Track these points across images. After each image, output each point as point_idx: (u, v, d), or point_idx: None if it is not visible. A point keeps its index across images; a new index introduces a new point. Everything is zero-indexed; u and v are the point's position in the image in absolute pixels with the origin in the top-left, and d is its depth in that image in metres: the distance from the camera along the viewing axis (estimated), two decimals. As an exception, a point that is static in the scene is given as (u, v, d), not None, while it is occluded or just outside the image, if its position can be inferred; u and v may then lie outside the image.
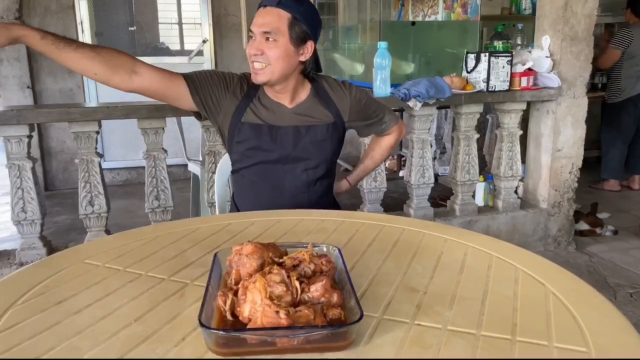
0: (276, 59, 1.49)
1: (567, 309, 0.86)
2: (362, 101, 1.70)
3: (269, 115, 1.59)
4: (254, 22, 1.50)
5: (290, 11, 1.48)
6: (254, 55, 1.49)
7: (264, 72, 1.50)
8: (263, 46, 1.48)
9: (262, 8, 1.50)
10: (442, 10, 3.99)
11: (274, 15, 1.47)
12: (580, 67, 2.96)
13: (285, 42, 1.48)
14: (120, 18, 4.94)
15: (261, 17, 1.48)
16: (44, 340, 0.77)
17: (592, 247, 3.25)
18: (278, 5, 1.47)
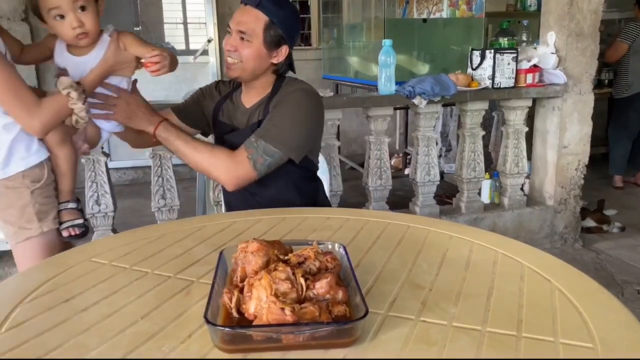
0: (247, 59, 1.49)
1: (573, 305, 0.86)
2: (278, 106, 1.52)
3: (233, 114, 1.63)
4: (232, 18, 1.51)
5: (269, 14, 1.47)
6: (227, 50, 1.51)
7: (236, 67, 1.51)
8: (237, 44, 1.48)
9: (242, 5, 1.51)
10: (447, 8, 3.98)
11: (251, 16, 1.47)
12: (586, 63, 2.95)
13: (259, 44, 1.49)
14: (125, 18, 4.95)
15: (239, 15, 1.49)
16: (51, 337, 0.78)
17: (599, 244, 3.24)
18: (258, 6, 1.47)
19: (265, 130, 1.47)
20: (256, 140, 1.45)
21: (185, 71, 4.90)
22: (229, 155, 1.46)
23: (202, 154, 1.47)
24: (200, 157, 1.47)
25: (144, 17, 5.04)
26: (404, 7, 4.56)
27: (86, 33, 1.34)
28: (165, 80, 4.83)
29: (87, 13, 1.33)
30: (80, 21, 1.32)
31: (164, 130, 1.48)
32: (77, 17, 1.31)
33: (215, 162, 1.46)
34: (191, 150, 1.47)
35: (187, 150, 1.47)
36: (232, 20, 1.50)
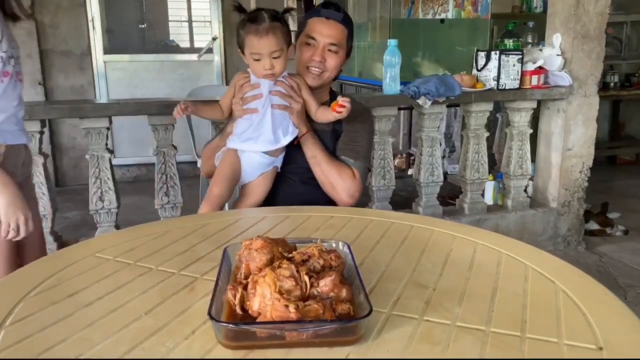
0: (332, 68, 1.65)
1: (577, 306, 0.86)
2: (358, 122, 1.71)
3: None
4: (315, 30, 1.62)
5: (349, 28, 1.67)
6: (313, 61, 1.62)
7: (321, 77, 1.65)
8: (326, 54, 1.62)
9: (324, 19, 1.63)
10: (453, 8, 3.98)
11: (338, 30, 1.63)
12: (592, 65, 2.94)
13: (343, 55, 1.66)
14: (130, 15, 4.96)
15: (327, 29, 1.62)
16: (55, 331, 0.78)
17: (602, 247, 3.23)
18: (342, 21, 1.64)
19: (358, 152, 1.69)
20: (355, 161, 1.67)
21: (190, 69, 4.91)
22: (351, 176, 1.64)
23: (333, 168, 1.63)
24: (330, 170, 1.63)
25: (149, 15, 5.05)
26: (409, 7, 4.55)
27: (273, 74, 1.55)
28: (170, 78, 4.85)
29: (279, 60, 1.53)
30: (272, 65, 1.53)
31: (312, 135, 1.64)
32: (271, 62, 1.52)
33: (340, 180, 1.63)
34: (326, 161, 1.63)
35: (324, 160, 1.63)
36: (318, 33, 1.62)
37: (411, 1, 4.50)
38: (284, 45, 1.52)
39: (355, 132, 1.70)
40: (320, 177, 1.64)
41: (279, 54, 1.52)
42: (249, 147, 1.58)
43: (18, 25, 4.57)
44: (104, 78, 4.67)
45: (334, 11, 1.64)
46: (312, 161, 1.63)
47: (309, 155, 1.63)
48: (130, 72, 4.75)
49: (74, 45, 4.53)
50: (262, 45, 1.50)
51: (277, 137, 1.57)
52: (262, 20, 1.49)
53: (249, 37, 1.51)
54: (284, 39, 1.52)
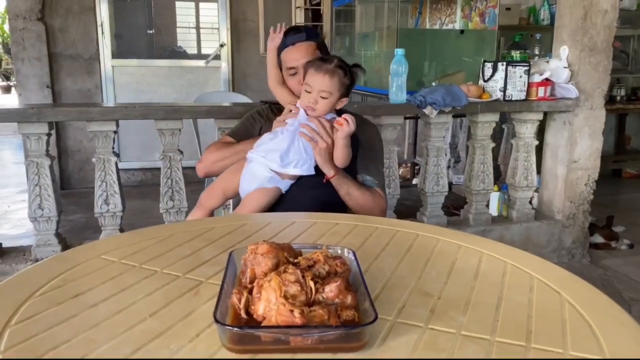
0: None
1: (582, 317, 0.85)
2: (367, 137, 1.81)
3: None
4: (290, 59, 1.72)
5: (316, 40, 1.75)
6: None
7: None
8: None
9: (290, 47, 1.73)
10: (460, 19, 3.99)
11: (307, 48, 1.72)
12: (599, 78, 2.94)
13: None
14: (139, 21, 5.00)
15: (297, 52, 1.72)
16: (60, 332, 0.78)
17: (607, 260, 3.21)
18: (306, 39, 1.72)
19: (378, 171, 1.81)
20: (377, 180, 1.77)
21: (197, 75, 4.94)
22: (380, 197, 1.75)
23: (367, 196, 1.69)
24: (365, 198, 1.69)
25: (158, 21, 5.09)
26: (417, 17, 4.57)
27: (314, 109, 1.60)
28: (177, 84, 4.87)
29: (324, 100, 1.59)
30: (316, 101, 1.59)
31: (342, 175, 1.66)
32: (316, 98, 1.59)
33: (374, 205, 1.71)
34: (360, 193, 1.68)
35: (358, 193, 1.67)
36: (291, 61, 1.72)
37: (419, 11, 4.52)
38: (335, 91, 1.58)
39: (372, 151, 1.80)
40: (356, 209, 1.69)
41: (327, 95, 1.57)
42: (257, 156, 1.59)
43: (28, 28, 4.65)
44: (111, 82, 4.71)
45: (296, 34, 1.74)
46: (347, 198, 1.67)
47: (343, 194, 1.67)
48: (137, 77, 4.79)
49: (82, 49, 4.57)
50: (315, 81, 1.57)
51: (286, 162, 1.58)
52: (329, 61, 1.59)
53: (310, 70, 1.59)
54: (337, 86, 1.58)
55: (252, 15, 4.95)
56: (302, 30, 1.77)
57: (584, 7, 2.83)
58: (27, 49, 4.35)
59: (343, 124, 1.55)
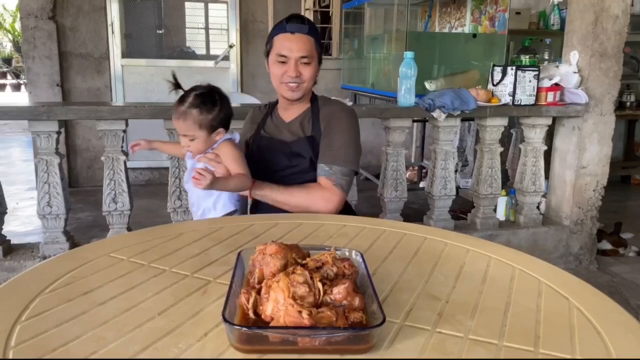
0: (309, 79, 1.68)
1: (591, 324, 0.85)
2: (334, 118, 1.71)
3: (274, 129, 1.78)
4: (284, 47, 1.64)
5: (315, 37, 1.68)
6: (290, 77, 1.65)
7: (299, 89, 1.68)
8: (299, 68, 1.65)
9: (289, 34, 1.64)
10: (470, 23, 3.98)
11: (305, 42, 1.65)
12: (609, 84, 2.93)
13: (315, 63, 1.69)
14: (149, 21, 5.02)
15: (295, 43, 1.63)
16: (69, 329, 0.79)
17: (615, 267, 3.19)
18: (308, 32, 1.65)
19: (333, 156, 1.66)
20: (330, 167, 1.65)
21: (206, 75, 4.94)
22: (321, 189, 1.63)
23: (299, 197, 1.61)
24: (298, 200, 1.61)
25: (167, 21, 5.11)
26: (426, 20, 4.57)
27: (190, 151, 1.62)
28: (186, 84, 4.87)
29: (193, 141, 1.59)
30: (188, 144, 1.59)
31: (258, 189, 1.63)
32: (186, 141, 1.59)
33: (312, 200, 1.61)
34: (288, 197, 1.61)
35: (284, 198, 1.61)
36: (287, 49, 1.64)
37: (428, 14, 4.52)
38: (196, 130, 1.56)
39: (330, 136, 1.68)
40: (295, 210, 1.61)
41: (191, 136, 1.57)
42: None
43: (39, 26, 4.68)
44: (120, 81, 4.73)
45: (299, 24, 1.64)
46: (278, 205, 1.62)
47: (271, 203, 1.62)
48: (146, 77, 4.81)
49: (92, 48, 4.60)
50: (177, 126, 1.59)
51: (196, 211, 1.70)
52: (182, 102, 1.57)
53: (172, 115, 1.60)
54: (198, 124, 1.55)
55: (262, 17, 4.97)
56: (305, 22, 1.67)
57: (594, 13, 2.82)
58: (38, 48, 4.38)
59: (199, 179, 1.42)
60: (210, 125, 1.57)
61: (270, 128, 1.80)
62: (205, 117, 1.56)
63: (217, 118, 1.58)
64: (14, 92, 12.75)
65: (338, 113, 1.73)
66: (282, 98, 1.75)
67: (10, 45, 13.76)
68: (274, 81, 1.71)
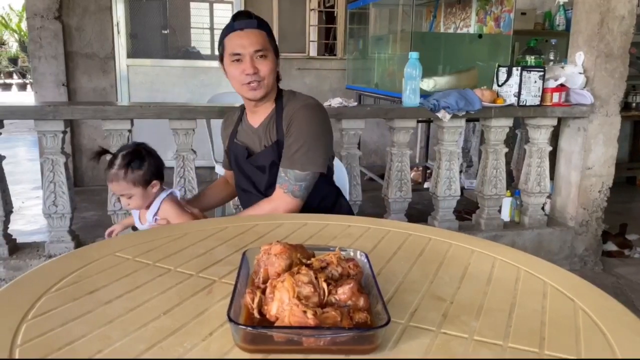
0: (268, 74, 1.62)
1: (597, 325, 0.85)
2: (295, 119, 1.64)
3: (245, 136, 1.76)
4: (236, 45, 1.59)
5: (266, 30, 1.64)
6: (247, 75, 1.59)
7: (260, 86, 1.63)
8: (256, 63, 1.60)
9: (239, 31, 1.60)
10: (475, 23, 3.98)
11: (257, 36, 1.60)
12: (615, 84, 2.92)
13: (272, 56, 1.64)
14: (154, 21, 5.04)
15: (246, 39, 1.59)
16: (75, 327, 0.79)
17: (620, 268, 3.18)
18: (258, 27, 1.61)
19: (290, 160, 1.61)
20: (285, 173, 1.61)
21: (211, 75, 4.96)
22: (270, 201, 1.64)
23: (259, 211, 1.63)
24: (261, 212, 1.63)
25: (172, 21, 5.13)
26: (431, 21, 4.56)
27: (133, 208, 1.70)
28: (191, 84, 4.90)
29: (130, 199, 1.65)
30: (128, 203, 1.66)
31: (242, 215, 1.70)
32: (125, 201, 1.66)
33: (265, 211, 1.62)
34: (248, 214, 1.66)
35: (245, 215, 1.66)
36: (239, 47, 1.59)
37: (433, 15, 4.51)
38: (130, 188, 1.61)
39: (289, 138, 1.63)
40: None
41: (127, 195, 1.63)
42: None
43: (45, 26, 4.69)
44: (126, 81, 4.75)
45: (247, 19, 1.61)
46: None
47: None
48: (152, 77, 4.82)
49: (98, 48, 4.61)
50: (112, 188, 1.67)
51: None
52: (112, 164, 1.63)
53: None
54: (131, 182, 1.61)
55: (267, 17, 4.92)
56: (253, 17, 1.63)
57: (600, 13, 2.81)
58: (44, 47, 4.40)
59: None
60: (144, 180, 1.63)
61: (242, 135, 1.77)
62: (136, 174, 1.61)
63: (149, 172, 1.63)
64: (20, 92, 12.81)
65: (298, 112, 1.64)
66: (247, 100, 1.71)
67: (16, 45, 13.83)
68: (234, 84, 1.66)
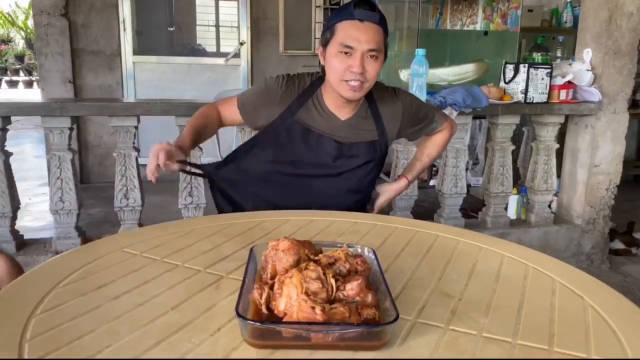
0: (373, 77, 1.46)
1: (606, 322, 0.84)
2: (414, 105, 1.65)
3: (321, 122, 1.56)
4: (351, 37, 1.40)
5: (385, 29, 1.45)
6: (352, 72, 1.42)
7: (362, 88, 1.45)
8: (365, 63, 1.42)
9: (358, 22, 1.40)
10: (482, 20, 3.96)
11: (376, 33, 1.42)
12: (623, 82, 2.90)
13: (382, 58, 1.46)
14: (160, 18, 5.04)
15: (364, 34, 1.40)
16: (84, 322, 0.79)
17: (627, 266, 3.16)
18: (379, 22, 1.43)
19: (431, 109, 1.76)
20: (433, 117, 1.73)
21: (216, 73, 4.97)
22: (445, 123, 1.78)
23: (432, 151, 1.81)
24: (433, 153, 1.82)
25: (178, 18, 5.12)
26: (437, 18, 4.54)
27: None
28: (196, 81, 4.90)
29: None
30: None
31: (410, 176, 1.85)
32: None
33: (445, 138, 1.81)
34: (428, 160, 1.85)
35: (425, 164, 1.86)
36: (352, 40, 1.40)
37: (439, 12, 4.49)
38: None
39: (412, 111, 1.65)
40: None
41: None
42: None
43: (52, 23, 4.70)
44: (132, 78, 4.75)
45: (369, 11, 1.40)
46: None
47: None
48: (158, 74, 4.83)
49: (104, 45, 4.62)
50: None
51: None
52: None
53: None
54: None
55: (272, 14, 4.97)
56: (377, 9, 1.43)
57: (608, 10, 2.79)
58: (50, 44, 4.41)
59: None
60: None
61: (314, 119, 1.55)
62: None
63: None
64: (26, 89, 12.85)
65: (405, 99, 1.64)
66: (337, 96, 1.51)
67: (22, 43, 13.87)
68: (333, 77, 1.46)
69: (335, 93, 1.50)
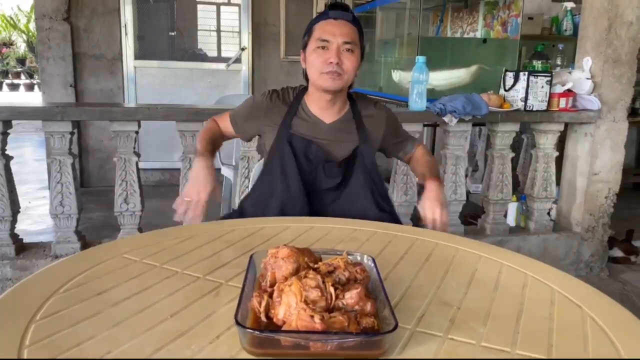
0: (350, 70, 1.56)
1: (605, 333, 0.84)
2: (394, 118, 1.78)
3: (307, 128, 1.63)
4: (326, 32, 1.53)
5: (359, 28, 1.58)
6: (330, 64, 1.52)
7: (341, 79, 1.55)
8: (342, 55, 1.53)
9: (332, 20, 1.55)
10: (482, 28, 3.97)
11: (349, 28, 1.55)
12: (622, 90, 2.91)
13: (358, 55, 1.57)
14: (161, 23, 5.06)
15: (338, 28, 1.53)
16: (84, 328, 0.80)
17: (626, 274, 3.17)
18: (352, 21, 1.56)
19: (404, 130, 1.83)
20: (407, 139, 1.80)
21: (217, 78, 4.98)
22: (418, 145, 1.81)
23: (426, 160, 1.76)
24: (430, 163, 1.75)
25: (180, 23, 5.14)
26: (438, 25, 4.56)
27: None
28: (198, 86, 4.92)
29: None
30: None
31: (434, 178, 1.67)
32: None
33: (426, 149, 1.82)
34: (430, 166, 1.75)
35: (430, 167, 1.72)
36: (330, 34, 1.53)
37: (440, 19, 4.51)
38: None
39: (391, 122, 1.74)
40: None
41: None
42: None
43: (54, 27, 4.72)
44: (133, 83, 4.76)
45: (342, 11, 1.56)
46: None
47: None
48: (159, 78, 4.84)
49: (106, 49, 4.63)
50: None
51: None
52: None
53: None
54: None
55: (274, 20, 4.98)
56: (349, 10, 1.57)
57: (608, 19, 2.80)
58: (52, 48, 4.42)
59: None
60: None
61: (303, 127, 1.62)
62: None
63: None
64: (27, 92, 12.87)
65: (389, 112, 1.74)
66: (321, 92, 1.58)
67: (24, 46, 13.90)
68: (313, 73, 1.56)
69: (318, 93, 1.60)
